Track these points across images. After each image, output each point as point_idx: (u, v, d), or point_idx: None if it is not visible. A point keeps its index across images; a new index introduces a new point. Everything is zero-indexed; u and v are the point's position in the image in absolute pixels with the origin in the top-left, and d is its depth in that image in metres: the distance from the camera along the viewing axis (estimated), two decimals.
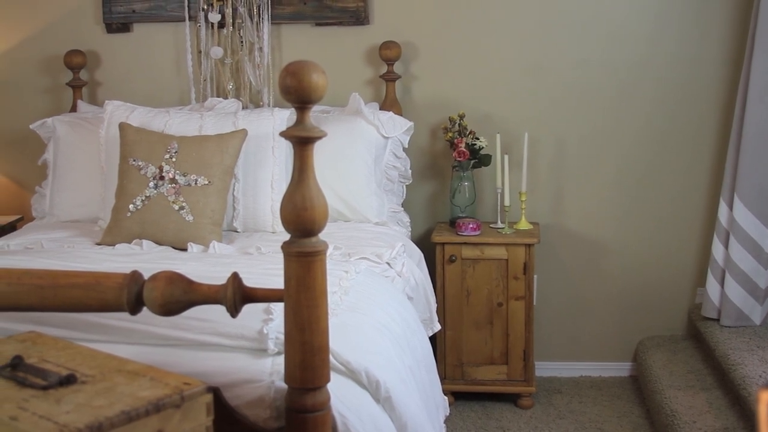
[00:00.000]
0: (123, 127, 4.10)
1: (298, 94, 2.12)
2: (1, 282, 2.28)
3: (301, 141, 2.14)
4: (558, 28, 4.70)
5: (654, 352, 4.64)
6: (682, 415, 3.89)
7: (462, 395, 4.63)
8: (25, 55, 4.96)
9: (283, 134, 2.15)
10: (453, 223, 4.61)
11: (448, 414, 3.68)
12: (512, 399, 4.62)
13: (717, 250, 4.46)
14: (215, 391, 2.22)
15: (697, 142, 4.73)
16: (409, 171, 4.60)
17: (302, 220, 2.14)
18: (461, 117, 4.62)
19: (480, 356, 4.57)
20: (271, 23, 4.72)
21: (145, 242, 3.86)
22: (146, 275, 2.23)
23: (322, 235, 2.19)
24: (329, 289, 2.25)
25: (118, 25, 4.88)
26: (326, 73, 2.17)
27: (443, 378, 4.47)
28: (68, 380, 2.00)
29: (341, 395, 2.46)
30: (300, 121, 2.15)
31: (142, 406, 1.90)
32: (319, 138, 2.15)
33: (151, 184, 3.92)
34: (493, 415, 4.51)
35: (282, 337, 2.32)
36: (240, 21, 4.69)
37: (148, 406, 1.91)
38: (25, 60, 4.97)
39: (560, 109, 4.76)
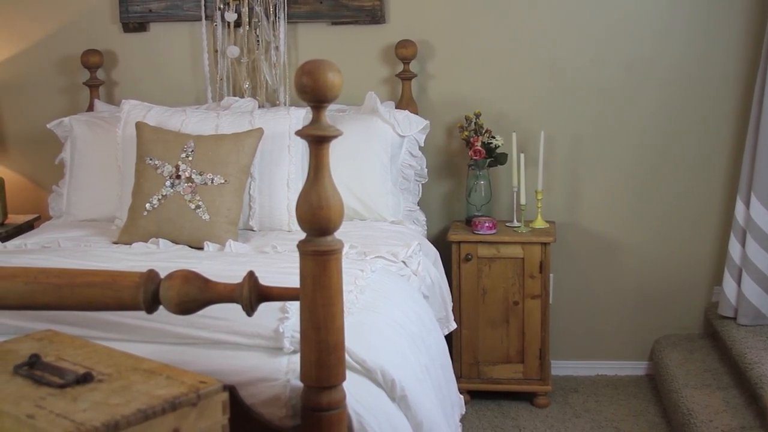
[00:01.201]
0: (139, 127, 4.12)
1: (314, 93, 2.12)
2: (19, 281, 2.29)
3: (317, 140, 2.13)
4: (573, 25, 4.70)
5: (670, 351, 4.63)
6: (699, 414, 3.88)
7: (478, 394, 4.63)
8: (42, 55, 4.98)
9: (298, 133, 2.15)
10: (469, 222, 4.61)
11: (463, 413, 3.68)
12: (528, 398, 4.62)
13: (734, 248, 4.45)
14: (231, 390, 2.22)
15: (713, 140, 4.72)
16: (425, 170, 4.59)
17: (318, 219, 2.13)
18: (477, 115, 4.62)
19: (496, 355, 4.57)
20: (288, 22, 4.73)
21: (161, 241, 3.87)
22: (163, 274, 2.23)
23: (338, 234, 2.19)
24: (345, 287, 2.25)
25: (134, 24, 4.89)
26: (342, 71, 2.17)
27: (459, 377, 4.47)
28: (85, 379, 2.01)
29: (357, 394, 2.46)
30: (316, 120, 2.15)
31: (159, 405, 1.90)
32: (335, 137, 2.14)
33: (168, 183, 3.93)
34: (509, 414, 4.50)
35: (298, 335, 2.32)
36: (256, 20, 4.70)
37: (165, 404, 1.91)
38: (43, 60, 4.99)
39: (576, 108, 4.75)
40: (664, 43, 4.67)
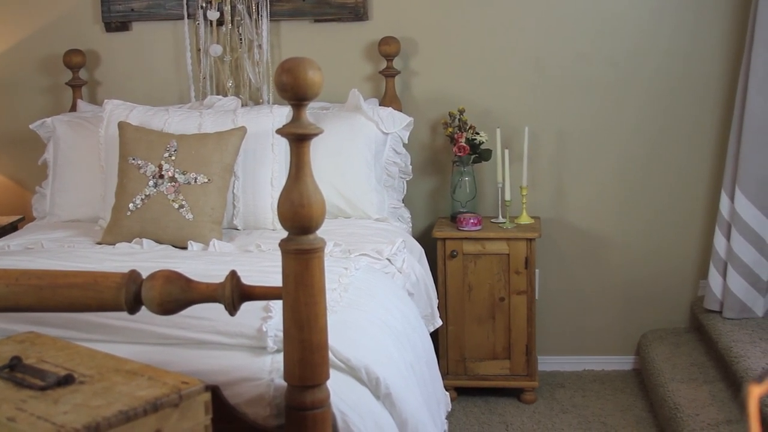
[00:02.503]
0: (122, 126, 4.10)
1: (294, 90, 2.12)
2: (0, 283, 2.28)
3: (298, 138, 2.13)
4: (557, 21, 4.70)
5: (656, 346, 4.64)
6: (685, 408, 3.89)
7: (465, 390, 4.63)
8: (24, 55, 4.96)
9: (279, 131, 2.14)
10: (454, 219, 4.61)
11: (449, 409, 3.68)
12: (515, 394, 4.62)
13: (719, 242, 4.45)
14: (214, 390, 2.22)
15: (698, 134, 4.72)
16: (410, 167, 4.59)
17: (299, 218, 2.13)
18: (461, 112, 4.61)
19: (482, 351, 4.57)
20: (270, 20, 4.71)
21: (145, 241, 3.86)
22: (146, 274, 2.23)
23: (322, 232, 2.19)
24: (329, 286, 2.25)
25: (117, 23, 4.87)
26: (325, 69, 2.17)
27: (446, 373, 4.47)
28: (66, 380, 2.00)
29: (341, 392, 2.46)
30: (296, 118, 2.14)
31: (140, 406, 1.90)
32: (316, 135, 2.14)
33: (151, 182, 3.92)
34: (496, 410, 4.51)
35: (281, 334, 2.32)
36: (239, 18, 4.69)
37: (146, 405, 1.90)
38: (25, 60, 4.97)
39: (560, 103, 4.75)
40: (649, 40, 4.67)
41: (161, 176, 3.92)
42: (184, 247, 3.84)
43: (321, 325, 2.19)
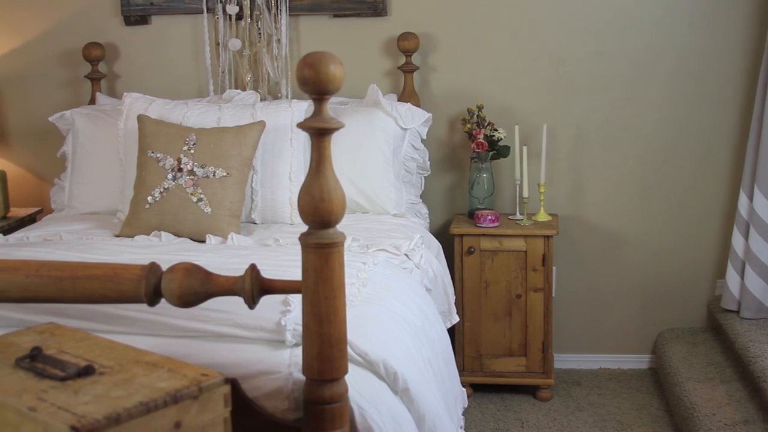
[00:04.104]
0: (141, 120, 4.11)
1: (316, 85, 2.11)
2: (20, 274, 2.29)
3: (319, 132, 2.13)
4: (576, 18, 4.68)
5: (673, 345, 4.62)
6: (702, 408, 3.88)
7: (480, 387, 4.63)
8: (44, 48, 4.98)
9: (300, 125, 2.14)
10: (471, 215, 4.60)
11: (466, 406, 3.68)
12: (531, 391, 4.61)
13: (737, 241, 4.44)
14: (233, 383, 2.22)
15: (716, 132, 4.70)
16: (428, 162, 4.58)
17: (320, 212, 2.13)
18: (480, 108, 4.61)
19: (498, 348, 4.56)
20: (289, 15, 4.72)
21: (163, 234, 3.86)
22: (165, 267, 2.23)
23: (340, 227, 2.19)
24: (347, 280, 2.25)
25: (136, 17, 4.88)
26: (344, 64, 2.16)
27: (462, 370, 4.47)
28: (86, 371, 2.01)
29: (359, 387, 2.46)
30: (317, 112, 2.14)
31: (160, 398, 1.90)
32: (337, 129, 2.14)
33: (170, 175, 3.92)
34: (511, 407, 4.50)
35: (300, 328, 2.32)
36: (258, 13, 4.69)
37: (166, 397, 1.91)
38: (44, 53, 4.98)
39: (579, 100, 4.74)
40: (667, 37, 4.65)
41: (180, 169, 3.92)
42: (202, 241, 3.85)
43: (340, 319, 2.19)
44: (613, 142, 4.76)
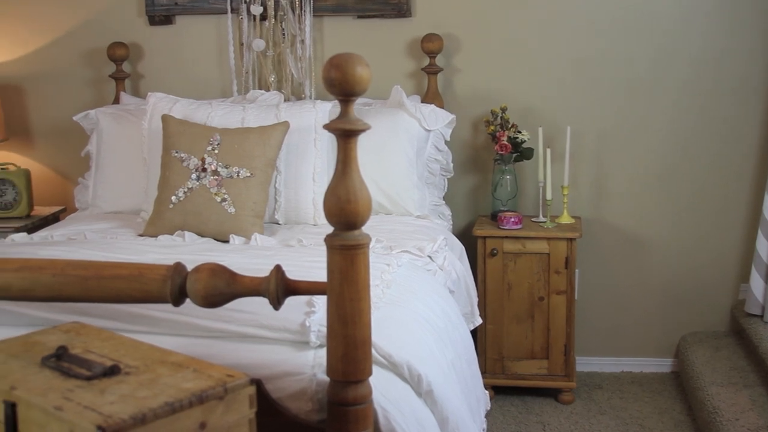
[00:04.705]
0: (166, 119, 4.12)
1: (342, 86, 2.11)
2: (46, 273, 2.29)
3: (345, 134, 2.13)
4: (600, 21, 4.67)
5: (696, 349, 4.60)
6: (725, 413, 3.86)
7: (502, 389, 4.61)
8: (68, 47, 5.00)
9: (326, 127, 2.14)
10: (494, 217, 4.59)
11: (489, 408, 3.67)
12: (553, 394, 4.60)
13: (761, 245, 4.42)
14: (257, 383, 2.22)
15: (740, 136, 4.68)
16: (451, 164, 4.57)
17: (346, 213, 2.13)
18: (503, 110, 4.60)
19: (520, 350, 4.55)
20: (313, 15, 4.72)
21: (187, 234, 3.87)
22: (189, 267, 2.24)
23: (364, 228, 2.19)
24: (371, 282, 2.24)
25: (160, 17, 4.89)
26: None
27: (483, 372, 4.44)
28: (112, 371, 2.01)
29: (383, 389, 2.46)
30: (344, 113, 2.14)
31: (186, 398, 1.90)
32: (363, 131, 2.14)
33: (194, 175, 3.93)
34: (533, 410, 4.49)
35: (324, 329, 2.32)
36: (282, 13, 4.70)
37: (192, 397, 1.91)
38: (69, 52, 5.00)
39: (603, 103, 4.72)
40: (690, 38, 4.63)
41: (204, 169, 3.93)
42: (226, 241, 3.85)
43: (365, 321, 2.18)
44: (637, 145, 4.74)
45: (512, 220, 4.46)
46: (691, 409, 4.40)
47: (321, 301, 2.59)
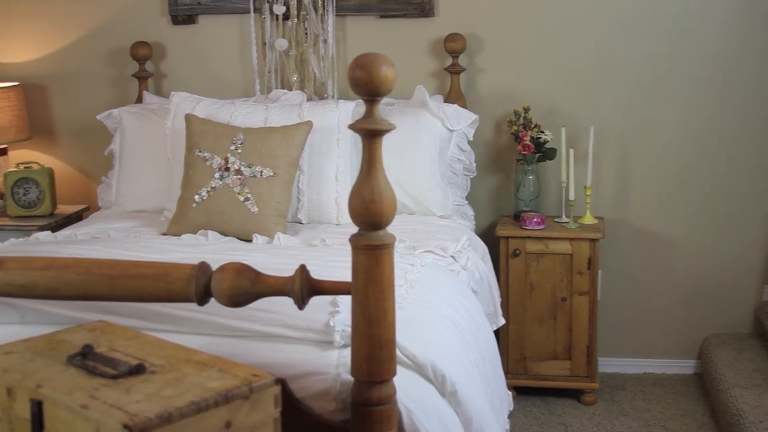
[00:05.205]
0: (189, 119, 4.13)
1: (368, 86, 2.11)
2: (71, 271, 2.30)
3: (371, 134, 2.13)
4: (623, 21, 4.65)
5: (719, 350, 4.58)
6: (748, 415, 3.84)
7: (524, 390, 4.60)
8: (92, 47, 5.02)
9: (351, 127, 2.14)
10: (517, 217, 4.58)
11: (512, 409, 3.66)
12: (575, 395, 4.59)
13: None
14: (281, 383, 2.22)
15: (763, 135, 4.65)
16: (474, 164, 4.56)
17: (371, 213, 2.13)
18: (526, 110, 4.59)
19: (543, 351, 4.54)
20: (336, 15, 4.72)
21: (210, 233, 3.87)
22: (213, 266, 2.24)
23: (388, 228, 2.19)
24: (395, 282, 2.23)
25: (183, 17, 4.90)
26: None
27: (506, 372, 4.42)
28: (138, 370, 2.01)
29: (407, 389, 2.45)
30: (369, 113, 2.14)
31: (211, 397, 1.90)
32: (388, 131, 2.14)
33: (217, 175, 3.94)
34: (555, 411, 4.48)
35: (348, 329, 2.32)
36: (305, 13, 4.70)
37: (217, 397, 1.91)
38: (92, 51, 5.02)
39: (627, 104, 4.71)
40: (711, 36, 4.61)
41: (227, 169, 3.94)
42: (249, 240, 3.86)
43: (389, 321, 2.18)
44: (661, 146, 4.72)
45: (535, 220, 4.45)
46: (715, 411, 4.37)
47: (345, 301, 2.59)
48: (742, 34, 4.59)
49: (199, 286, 2.21)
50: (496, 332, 4.04)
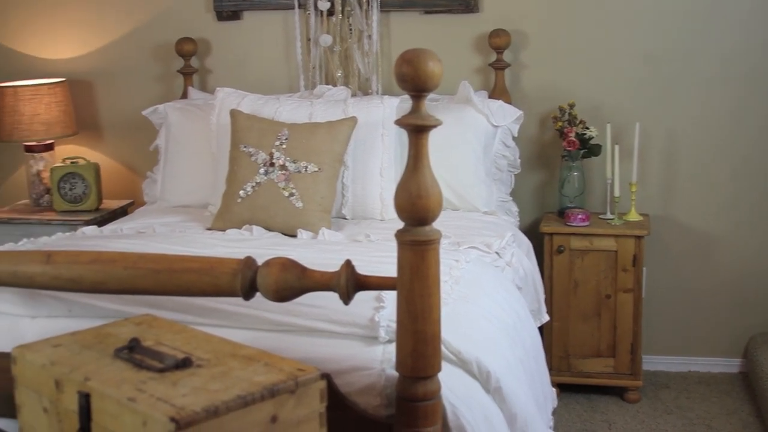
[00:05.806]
0: (234, 114, 4.14)
1: (414, 82, 2.11)
2: (118, 266, 2.33)
3: (417, 129, 2.13)
4: (669, 16, 4.61)
5: (765, 349, 4.53)
6: None
7: (567, 387, 4.58)
8: (137, 43, 5.05)
9: (398, 122, 2.14)
10: (561, 214, 4.56)
11: (555, 406, 3.65)
12: (618, 392, 4.56)
13: None
14: (326, 378, 2.22)
15: None
16: (518, 160, 4.54)
17: (417, 209, 2.13)
18: (571, 106, 4.57)
19: (587, 348, 4.52)
20: (380, 11, 4.72)
21: (255, 228, 3.89)
22: (258, 261, 2.25)
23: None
24: (440, 277, 2.23)
25: (228, 13, 4.92)
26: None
27: (549, 369, 4.40)
28: (184, 363, 2.03)
29: (451, 385, 2.45)
30: (415, 109, 2.14)
31: (258, 391, 1.91)
32: (435, 126, 2.14)
33: (262, 170, 3.95)
34: (598, 409, 4.46)
35: (393, 325, 2.32)
36: (349, 9, 4.70)
37: (264, 391, 1.92)
38: (138, 47, 5.06)
39: (673, 100, 4.67)
40: (761, 32, 4.56)
41: (272, 164, 3.95)
42: (293, 235, 3.86)
43: (435, 316, 2.18)
44: (707, 142, 4.68)
45: (579, 216, 4.43)
46: (760, 411, 4.33)
47: (390, 297, 2.59)
48: None
49: (245, 280, 2.23)
50: (540, 329, 4.02)
